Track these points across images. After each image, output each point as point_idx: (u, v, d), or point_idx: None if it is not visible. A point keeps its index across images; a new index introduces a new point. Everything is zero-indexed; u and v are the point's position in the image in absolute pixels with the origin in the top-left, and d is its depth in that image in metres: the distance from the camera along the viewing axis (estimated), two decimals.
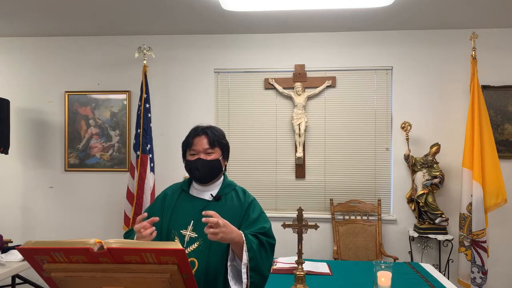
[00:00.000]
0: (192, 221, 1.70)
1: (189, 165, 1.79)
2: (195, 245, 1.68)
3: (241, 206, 1.78)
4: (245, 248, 1.60)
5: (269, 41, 4.14)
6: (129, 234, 1.77)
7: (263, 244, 1.68)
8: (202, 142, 1.78)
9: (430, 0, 3.29)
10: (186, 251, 1.59)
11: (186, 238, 1.69)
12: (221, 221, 1.53)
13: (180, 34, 4.19)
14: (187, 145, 1.82)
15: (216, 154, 1.80)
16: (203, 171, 1.77)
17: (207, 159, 1.77)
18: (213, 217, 1.52)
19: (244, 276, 1.60)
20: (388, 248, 3.96)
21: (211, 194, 1.79)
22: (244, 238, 1.61)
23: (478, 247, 3.50)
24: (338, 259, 3.71)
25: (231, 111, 4.20)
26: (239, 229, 1.68)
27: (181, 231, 1.70)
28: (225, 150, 1.87)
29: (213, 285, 1.67)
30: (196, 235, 1.69)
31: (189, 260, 1.58)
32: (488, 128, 3.58)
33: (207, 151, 1.78)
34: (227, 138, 1.98)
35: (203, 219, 1.51)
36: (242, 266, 1.60)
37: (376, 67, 4.07)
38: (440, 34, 3.98)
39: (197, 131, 1.82)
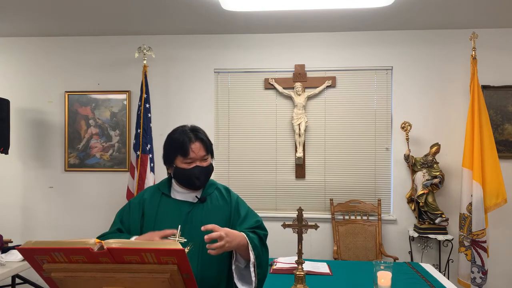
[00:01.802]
0: (180, 226, 1.63)
1: (185, 174, 1.71)
2: (186, 250, 1.62)
3: (227, 205, 1.77)
4: (250, 247, 1.59)
5: (269, 41, 4.14)
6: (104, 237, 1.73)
7: (262, 239, 1.70)
8: (200, 150, 1.71)
9: (430, 0, 3.29)
10: None
11: None
12: (223, 231, 1.50)
13: (180, 34, 4.20)
14: (179, 152, 1.71)
15: (209, 159, 1.77)
16: (203, 179, 1.73)
17: (205, 166, 1.73)
18: (214, 229, 1.49)
19: (252, 274, 1.60)
20: (388, 248, 3.96)
21: (196, 196, 1.75)
22: (247, 239, 1.60)
23: (478, 247, 3.50)
24: (338, 259, 3.71)
25: (231, 111, 4.20)
26: (232, 227, 1.69)
27: (169, 238, 1.62)
28: (212, 151, 1.81)
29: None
30: (186, 240, 1.63)
31: None
32: (488, 128, 3.58)
33: (204, 158, 1.73)
34: (227, 139, 1.96)
35: (206, 238, 1.47)
36: (251, 266, 1.60)
37: (376, 67, 4.07)
38: (440, 34, 3.98)
39: (191, 138, 1.71)
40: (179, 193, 1.77)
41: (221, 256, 1.64)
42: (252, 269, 1.60)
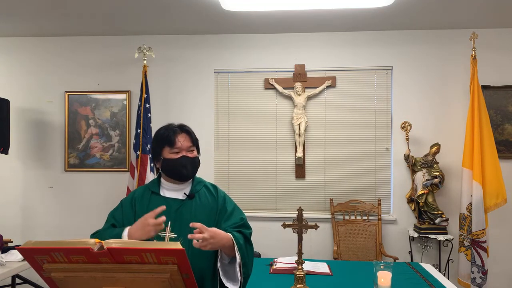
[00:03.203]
0: (170, 222, 1.68)
1: (173, 163, 1.76)
2: None
3: (215, 202, 1.82)
4: (236, 248, 1.65)
5: (269, 41, 4.14)
6: (98, 234, 1.74)
7: (247, 238, 1.74)
8: (186, 140, 1.78)
9: (430, 0, 3.29)
10: None
11: (166, 240, 1.69)
12: (208, 234, 1.55)
13: (180, 34, 4.20)
14: (166, 143, 1.77)
15: (195, 152, 1.83)
16: (190, 168, 1.78)
17: (192, 157, 1.79)
18: (201, 229, 1.55)
19: (238, 274, 1.66)
20: (388, 248, 3.96)
21: (184, 193, 1.80)
22: (233, 240, 1.65)
23: (478, 247, 3.50)
24: (338, 259, 3.71)
25: (231, 111, 4.20)
26: (218, 222, 1.75)
27: (160, 234, 1.67)
28: (199, 147, 1.88)
29: (199, 282, 1.67)
30: (176, 235, 1.68)
31: None
32: (488, 128, 3.58)
33: (190, 149, 1.79)
34: (227, 139, 2.00)
35: (189, 236, 1.54)
36: (237, 266, 1.66)
37: (376, 67, 4.07)
38: (440, 34, 3.98)
39: (176, 130, 1.79)
40: (168, 190, 1.82)
41: (209, 252, 1.69)
42: (238, 269, 1.66)
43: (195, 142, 1.82)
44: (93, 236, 1.77)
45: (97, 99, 4.25)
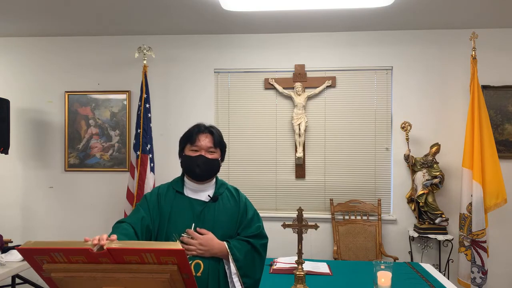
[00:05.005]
0: (194, 224, 1.70)
1: (189, 161, 1.77)
2: None
3: (237, 205, 1.82)
4: (231, 259, 1.67)
5: (269, 41, 4.14)
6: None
7: (256, 249, 1.75)
8: (207, 140, 1.79)
9: (430, 0, 3.29)
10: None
11: None
12: (199, 241, 1.64)
13: (180, 34, 4.19)
14: (188, 140, 1.80)
15: (216, 154, 1.82)
16: (204, 168, 1.76)
17: (209, 157, 1.77)
18: (192, 236, 1.65)
19: (237, 284, 1.67)
20: (388, 248, 3.96)
21: (208, 195, 1.79)
22: (228, 250, 1.68)
23: (478, 247, 3.50)
24: (338, 259, 3.71)
25: (231, 111, 4.20)
26: (238, 228, 1.76)
27: (183, 235, 1.69)
28: (223, 151, 1.87)
29: (224, 284, 1.70)
30: None
31: (195, 262, 1.61)
32: (488, 128, 3.58)
33: (210, 150, 1.79)
34: (227, 139, 2.00)
35: (181, 238, 1.64)
36: (233, 276, 1.68)
37: (376, 67, 4.07)
38: (440, 34, 3.98)
39: (200, 128, 1.82)
40: (192, 191, 1.81)
41: None
42: (236, 279, 1.68)
43: (217, 144, 1.81)
44: (117, 223, 1.76)
45: (97, 99, 4.25)
